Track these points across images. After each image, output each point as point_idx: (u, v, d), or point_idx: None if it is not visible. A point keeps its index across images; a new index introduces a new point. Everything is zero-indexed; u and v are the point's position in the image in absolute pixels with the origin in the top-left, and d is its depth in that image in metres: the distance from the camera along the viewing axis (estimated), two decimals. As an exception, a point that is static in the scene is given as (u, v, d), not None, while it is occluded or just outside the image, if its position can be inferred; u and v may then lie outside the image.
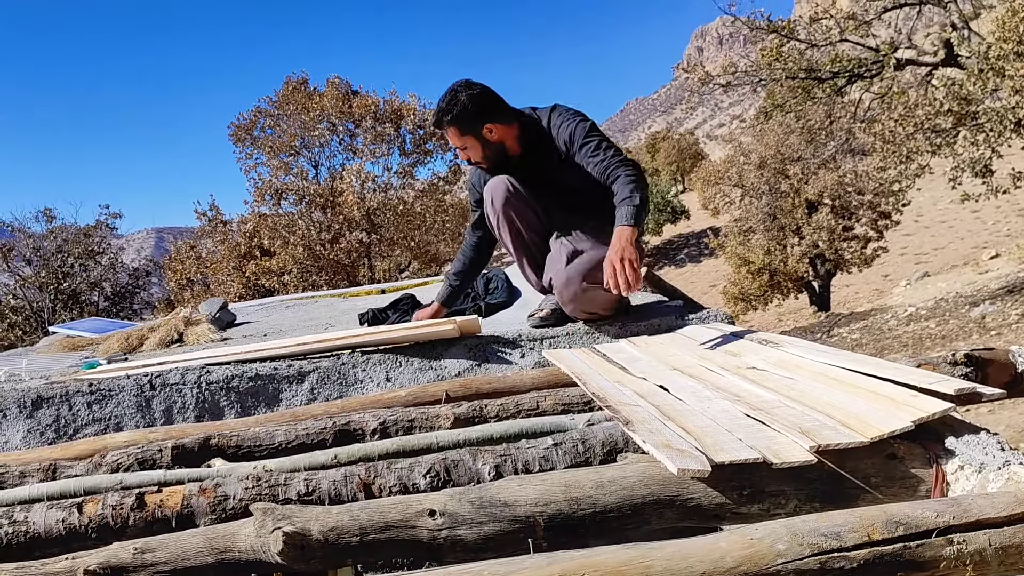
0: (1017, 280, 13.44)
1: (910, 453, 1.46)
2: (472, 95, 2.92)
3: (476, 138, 2.96)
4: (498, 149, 3.00)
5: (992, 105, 10.25)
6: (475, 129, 2.94)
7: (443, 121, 2.95)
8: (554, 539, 1.38)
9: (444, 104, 2.93)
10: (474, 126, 2.94)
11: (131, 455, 1.94)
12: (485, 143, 2.97)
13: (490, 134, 2.96)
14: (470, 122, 2.93)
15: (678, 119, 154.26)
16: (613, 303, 2.97)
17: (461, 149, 3.04)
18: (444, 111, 2.93)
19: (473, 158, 3.04)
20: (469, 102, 2.91)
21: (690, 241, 41.22)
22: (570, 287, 2.89)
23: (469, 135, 2.96)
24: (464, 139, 2.97)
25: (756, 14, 12.55)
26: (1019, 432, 5.47)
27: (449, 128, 2.96)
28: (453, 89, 2.94)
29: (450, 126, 2.95)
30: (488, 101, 2.94)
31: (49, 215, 20.32)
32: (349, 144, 19.63)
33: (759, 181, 20.62)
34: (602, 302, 2.94)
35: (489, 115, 2.94)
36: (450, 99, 2.92)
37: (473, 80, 2.96)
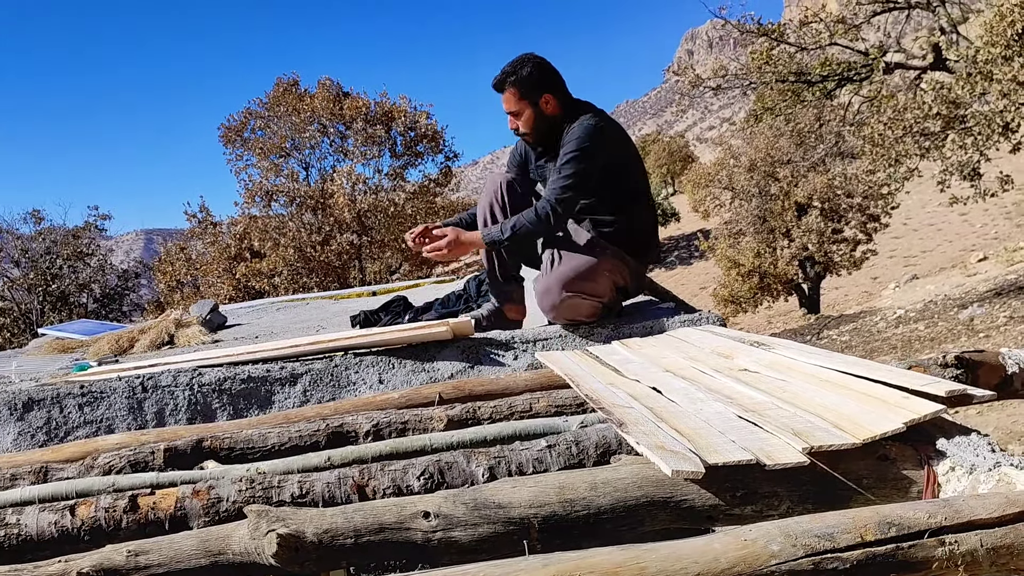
0: (1005, 282, 13.53)
1: (902, 454, 1.47)
2: (538, 64, 3.05)
3: (531, 106, 3.05)
4: (549, 122, 3.08)
5: (980, 109, 10.32)
6: (533, 96, 3.04)
7: (506, 82, 3.04)
8: (548, 541, 1.38)
9: (509, 67, 3.05)
10: (533, 93, 3.04)
11: (123, 457, 1.94)
12: (539, 113, 3.06)
13: (546, 105, 3.06)
14: (531, 88, 3.03)
15: (668, 122, 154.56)
16: (596, 311, 3.02)
17: (514, 115, 3.10)
18: (509, 72, 3.04)
19: (523, 127, 3.11)
20: (535, 70, 3.04)
21: (680, 243, 41.31)
22: (549, 297, 2.96)
23: (526, 100, 3.05)
24: (521, 103, 3.05)
25: (746, 17, 12.60)
26: (1007, 434, 5.50)
27: (509, 90, 3.05)
28: (521, 57, 3.07)
29: (511, 87, 3.04)
30: (551, 74, 3.07)
31: (37, 216, 20.21)
32: (340, 146, 19.61)
33: (749, 184, 20.68)
34: (584, 310, 2.99)
35: (550, 87, 3.05)
36: (517, 63, 3.05)
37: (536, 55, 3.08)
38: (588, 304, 2.98)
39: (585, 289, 2.95)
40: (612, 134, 3.03)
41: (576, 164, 2.94)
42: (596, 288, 2.98)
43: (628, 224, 3.09)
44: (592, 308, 3.00)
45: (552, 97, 3.05)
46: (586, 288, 2.95)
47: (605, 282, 3.01)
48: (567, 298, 2.93)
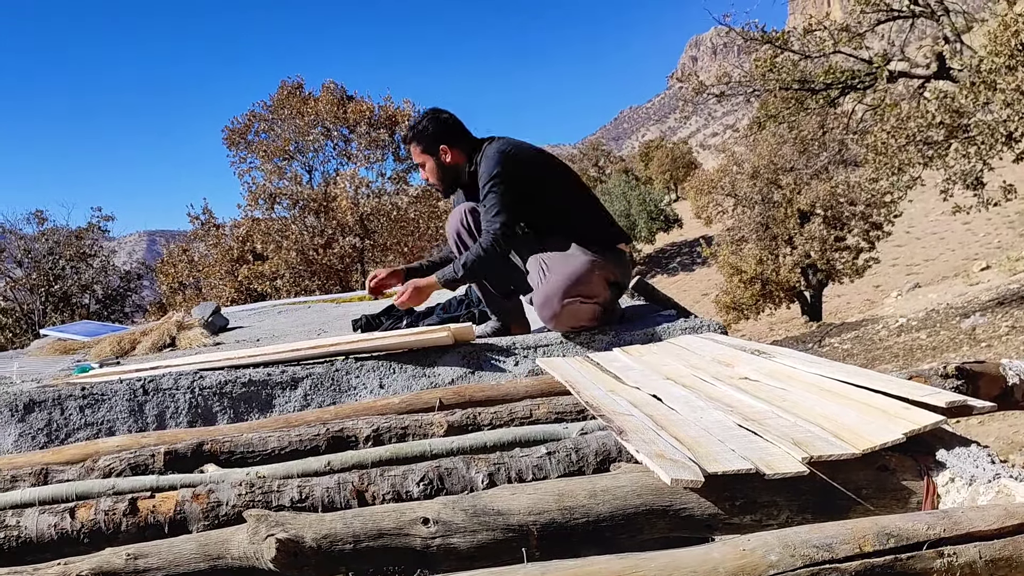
0: (1007, 292, 13.51)
1: (901, 465, 1.47)
2: (435, 119, 3.23)
3: (433, 157, 3.22)
4: (452, 172, 3.24)
5: (983, 118, 10.31)
6: (432, 149, 3.21)
7: (407, 138, 3.28)
8: (547, 548, 1.38)
9: (412, 123, 3.29)
10: (432, 146, 3.21)
11: (124, 460, 1.94)
12: (440, 163, 3.22)
13: (445, 155, 3.21)
14: (429, 141, 3.21)
15: (672, 128, 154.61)
16: (595, 314, 3.06)
17: (420, 167, 3.30)
18: (411, 128, 3.28)
19: (430, 178, 3.29)
20: (431, 124, 3.22)
21: (683, 250, 41.31)
22: (548, 307, 2.98)
23: (427, 154, 3.22)
24: (423, 156, 3.24)
25: (750, 25, 12.62)
26: (1008, 444, 5.49)
27: (411, 146, 3.26)
28: (423, 113, 3.30)
29: (413, 143, 3.25)
30: (448, 126, 3.23)
31: (40, 217, 20.23)
32: (343, 149, 19.63)
33: (752, 191, 20.68)
34: (585, 315, 3.03)
35: (447, 139, 3.20)
36: (418, 120, 3.28)
37: (442, 108, 3.28)
38: (587, 308, 3.01)
39: (582, 292, 2.98)
40: (520, 153, 3.14)
41: (495, 192, 3.07)
42: (591, 289, 3.02)
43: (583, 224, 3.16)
44: (591, 311, 3.03)
45: (450, 148, 3.19)
46: (582, 291, 2.98)
47: (598, 281, 3.05)
48: (567, 304, 2.96)
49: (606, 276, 3.09)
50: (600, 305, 3.06)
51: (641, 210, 40.11)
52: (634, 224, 40.18)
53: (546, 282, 3.00)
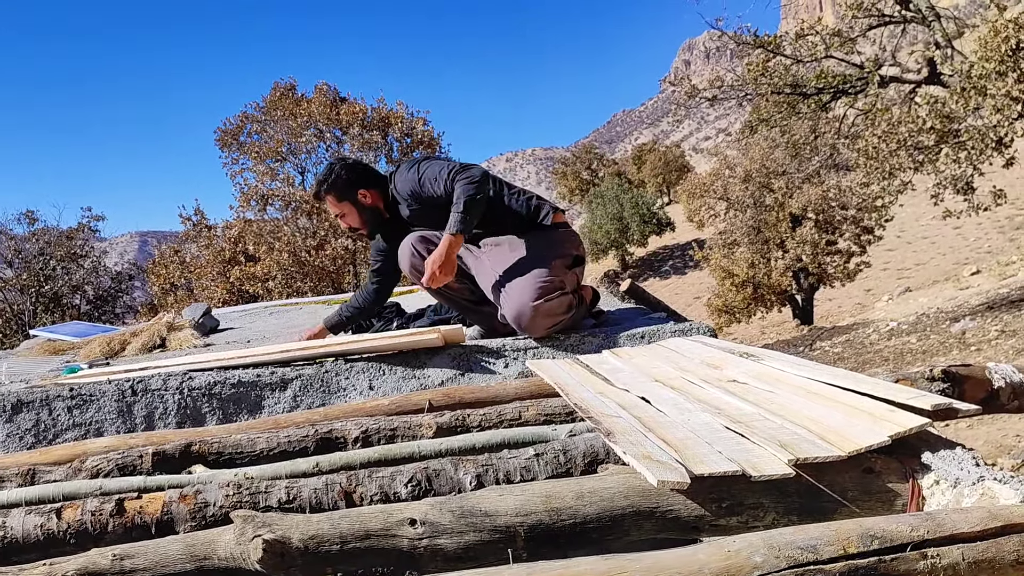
0: (997, 296, 13.58)
1: (887, 467, 1.48)
2: (345, 165, 3.25)
3: (352, 203, 3.23)
4: (373, 212, 3.26)
5: (974, 123, 10.37)
6: (351, 195, 3.22)
7: (321, 191, 3.23)
8: (534, 549, 1.39)
9: (321, 176, 3.25)
10: (349, 192, 3.21)
11: (111, 461, 1.93)
12: (360, 207, 3.24)
13: (364, 199, 3.23)
14: (345, 189, 3.21)
15: (664, 131, 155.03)
16: (570, 303, 3.02)
17: (340, 217, 3.28)
18: (321, 181, 3.23)
19: (352, 224, 3.28)
20: (343, 171, 3.22)
21: (675, 253, 41.38)
22: (523, 318, 2.93)
23: (346, 201, 3.23)
24: (341, 206, 3.23)
25: (743, 29, 12.65)
26: (997, 447, 5.52)
27: (327, 196, 3.23)
28: (329, 163, 3.28)
29: (327, 194, 3.22)
30: (359, 170, 3.26)
31: (31, 217, 20.13)
32: (336, 151, 19.61)
33: (744, 194, 20.74)
34: (560, 308, 2.97)
35: (362, 182, 3.23)
36: (327, 171, 3.25)
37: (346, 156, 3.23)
38: (558, 301, 2.95)
39: (546, 287, 2.92)
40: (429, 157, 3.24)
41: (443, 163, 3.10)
42: (554, 282, 2.96)
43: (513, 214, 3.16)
44: (565, 302, 2.99)
45: (368, 191, 3.22)
46: (546, 287, 2.92)
47: (557, 269, 3.02)
48: (539, 306, 2.90)
49: (562, 259, 3.07)
50: (570, 293, 3.03)
51: (634, 213, 40.16)
52: (627, 227, 40.22)
53: (509, 296, 2.94)
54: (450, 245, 2.93)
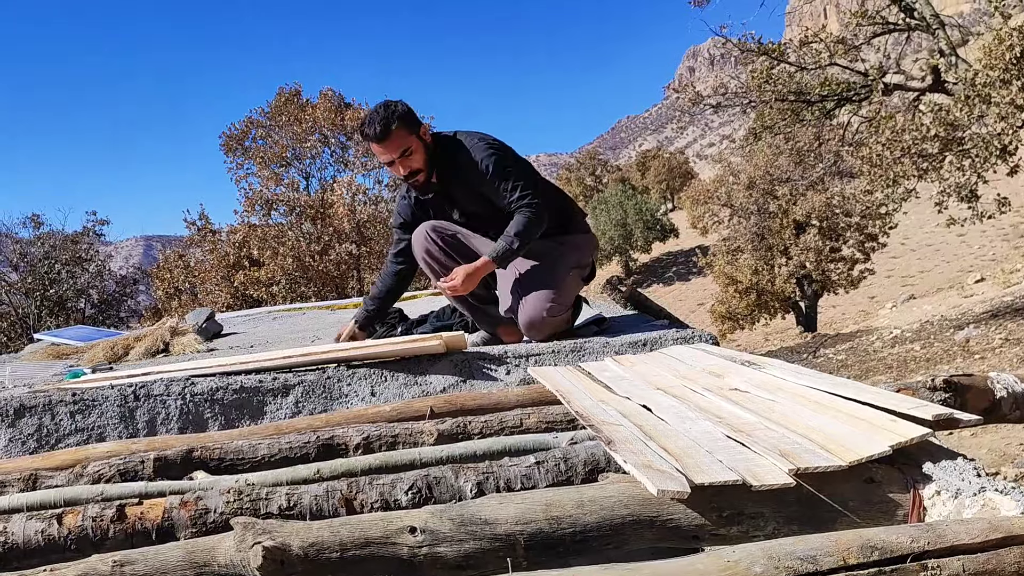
0: (1001, 304, 13.55)
1: (888, 477, 1.48)
2: (399, 101, 3.02)
3: (419, 139, 3.01)
4: (431, 152, 3.06)
5: (978, 131, 10.36)
6: (416, 129, 3.01)
7: (390, 127, 2.94)
8: (534, 558, 1.38)
9: (384, 112, 2.95)
10: (415, 126, 3.01)
11: (113, 466, 1.94)
12: (425, 144, 3.03)
13: (426, 135, 3.06)
14: (412, 121, 3.00)
15: (668, 138, 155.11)
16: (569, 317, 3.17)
17: (404, 157, 2.99)
18: (389, 117, 2.94)
19: (416, 165, 3.03)
20: (404, 106, 3.01)
21: (679, 259, 41.39)
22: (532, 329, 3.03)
23: (413, 135, 2.99)
24: (410, 139, 2.98)
25: (747, 36, 12.65)
26: (1001, 456, 5.50)
27: (398, 131, 2.95)
28: (382, 104, 3.01)
29: (399, 127, 2.95)
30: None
31: (37, 221, 20.18)
32: (340, 156, 19.66)
33: (748, 201, 20.73)
34: (563, 323, 3.13)
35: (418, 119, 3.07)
36: (386, 106, 2.98)
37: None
38: (564, 317, 3.12)
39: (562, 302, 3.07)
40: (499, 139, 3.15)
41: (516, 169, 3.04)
42: (569, 298, 3.14)
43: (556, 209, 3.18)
44: (567, 317, 3.15)
45: (425, 126, 3.07)
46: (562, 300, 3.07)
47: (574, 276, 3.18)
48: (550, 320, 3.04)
49: (579, 269, 3.21)
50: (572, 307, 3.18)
51: (637, 219, 40.18)
52: (630, 233, 40.25)
53: (525, 304, 3.01)
54: (485, 267, 2.97)
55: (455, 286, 2.95)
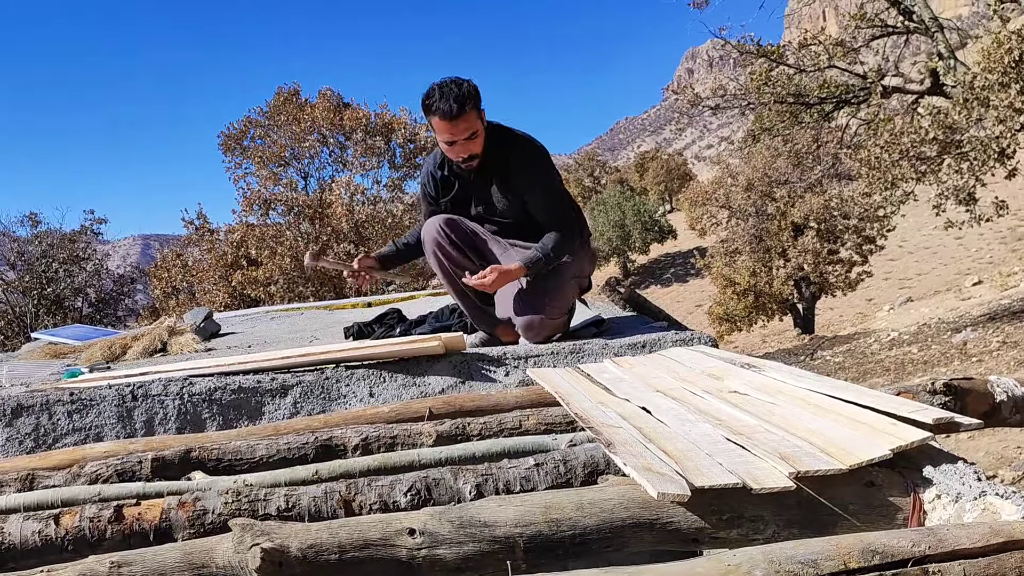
0: (999, 307, 13.57)
1: (888, 481, 1.47)
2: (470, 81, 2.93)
3: (482, 122, 2.95)
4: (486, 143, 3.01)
5: (976, 134, 10.37)
6: (483, 114, 2.96)
7: (465, 107, 2.85)
8: (533, 561, 1.38)
9: (458, 90, 2.85)
10: (481, 110, 2.96)
11: (110, 466, 1.93)
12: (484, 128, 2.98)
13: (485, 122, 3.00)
14: (480, 105, 2.94)
15: (667, 139, 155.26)
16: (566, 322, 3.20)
17: (468, 140, 2.92)
18: (464, 96, 2.85)
19: (476, 149, 2.96)
20: (474, 86, 2.92)
21: (677, 260, 41.41)
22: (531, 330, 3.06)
23: (480, 120, 2.94)
24: (477, 123, 2.93)
25: (746, 38, 12.66)
26: (998, 459, 5.50)
27: (470, 113, 2.88)
28: (452, 79, 2.90)
29: (472, 110, 2.88)
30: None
31: (34, 219, 20.14)
32: (339, 156, 19.63)
33: (746, 203, 20.76)
34: (560, 327, 3.16)
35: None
36: (458, 85, 2.88)
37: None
38: (562, 321, 3.15)
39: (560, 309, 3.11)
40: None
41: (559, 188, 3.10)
42: (567, 301, 3.17)
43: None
44: (565, 321, 3.18)
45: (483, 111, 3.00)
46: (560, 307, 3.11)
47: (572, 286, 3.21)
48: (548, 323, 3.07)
49: (578, 279, 3.23)
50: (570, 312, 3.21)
51: (636, 221, 40.20)
52: (628, 234, 40.27)
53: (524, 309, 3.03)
54: (517, 272, 2.96)
55: (485, 284, 2.92)
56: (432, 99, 2.87)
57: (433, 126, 2.93)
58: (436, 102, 2.86)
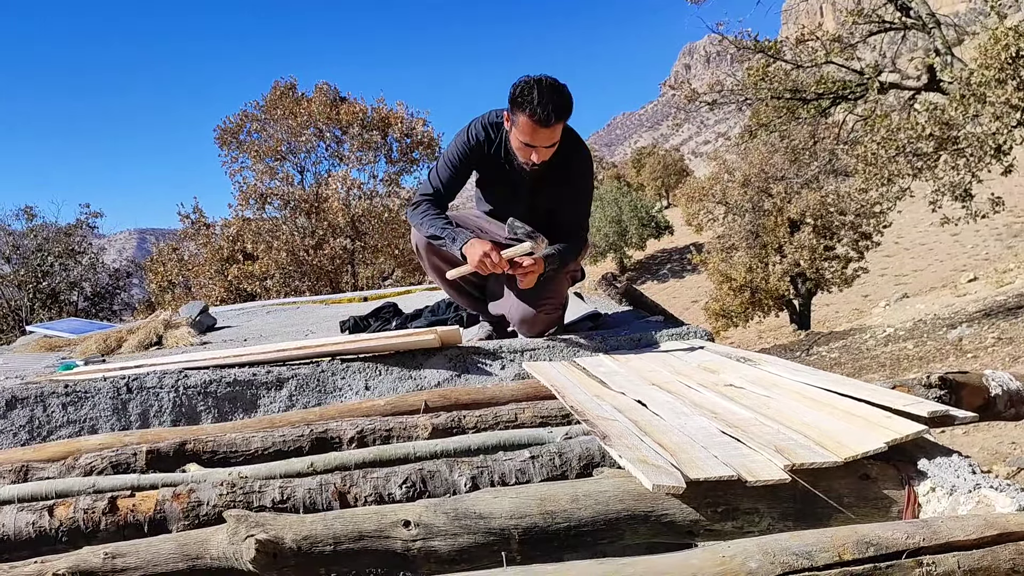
0: (994, 304, 13.59)
1: (883, 474, 1.48)
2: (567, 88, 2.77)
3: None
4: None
5: (973, 131, 10.38)
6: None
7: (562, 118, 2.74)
8: (528, 553, 1.38)
9: (560, 100, 2.70)
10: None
11: (105, 458, 1.93)
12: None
13: None
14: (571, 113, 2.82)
15: (664, 135, 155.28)
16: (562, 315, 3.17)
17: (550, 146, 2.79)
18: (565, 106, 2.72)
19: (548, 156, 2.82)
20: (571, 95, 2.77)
21: (673, 256, 41.41)
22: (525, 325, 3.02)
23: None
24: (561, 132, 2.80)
25: (743, 34, 12.66)
26: (993, 454, 5.52)
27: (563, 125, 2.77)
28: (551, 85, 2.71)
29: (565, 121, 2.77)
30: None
31: (30, 213, 20.08)
32: (336, 150, 19.58)
33: (743, 199, 20.77)
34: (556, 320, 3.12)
35: None
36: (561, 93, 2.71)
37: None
38: (556, 316, 3.12)
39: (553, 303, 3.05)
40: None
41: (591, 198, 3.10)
42: (562, 298, 3.13)
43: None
44: (560, 315, 3.15)
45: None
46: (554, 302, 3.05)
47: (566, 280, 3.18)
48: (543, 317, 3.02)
49: (571, 273, 3.21)
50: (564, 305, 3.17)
51: (632, 216, 40.20)
52: (625, 230, 40.26)
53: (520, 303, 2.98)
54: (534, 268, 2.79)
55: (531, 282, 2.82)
56: (528, 97, 2.68)
57: (516, 122, 2.74)
58: (533, 104, 2.67)
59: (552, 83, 2.72)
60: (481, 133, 2.96)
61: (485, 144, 2.96)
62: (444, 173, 3.01)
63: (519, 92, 2.70)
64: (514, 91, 2.72)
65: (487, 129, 2.95)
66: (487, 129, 2.95)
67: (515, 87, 2.72)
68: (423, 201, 3.02)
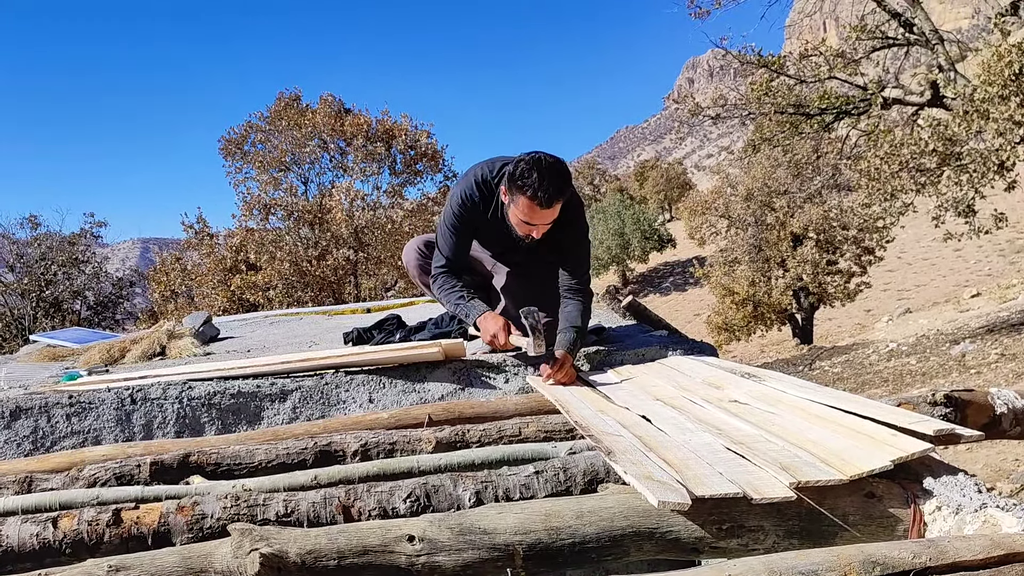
0: (997, 319, 13.57)
1: (888, 492, 1.47)
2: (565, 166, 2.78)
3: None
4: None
5: (976, 147, 10.40)
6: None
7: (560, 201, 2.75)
8: (532, 569, 1.38)
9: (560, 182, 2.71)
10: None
11: (109, 470, 1.92)
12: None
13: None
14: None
15: (667, 148, 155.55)
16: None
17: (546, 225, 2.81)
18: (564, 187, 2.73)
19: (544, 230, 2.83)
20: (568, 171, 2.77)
21: (676, 269, 41.41)
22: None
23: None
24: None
25: (747, 48, 12.70)
26: (996, 471, 5.50)
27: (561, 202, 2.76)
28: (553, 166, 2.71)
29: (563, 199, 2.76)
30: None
31: (34, 222, 20.14)
32: (340, 162, 19.63)
33: (745, 213, 20.79)
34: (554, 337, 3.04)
35: None
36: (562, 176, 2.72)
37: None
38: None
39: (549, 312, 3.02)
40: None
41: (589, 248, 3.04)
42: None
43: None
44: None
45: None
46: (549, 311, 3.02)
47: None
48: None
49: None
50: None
51: (635, 229, 40.23)
52: (628, 243, 40.29)
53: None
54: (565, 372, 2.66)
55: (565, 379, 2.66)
56: (529, 180, 2.67)
57: (516, 202, 2.75)
58: (534, 187, 2.67)
59: (551, 164, 2.71)
60: (476, 194, 2.97)
61: (480, 204, 2.97)
62: (449, 241, 3.04)
63: (519, 173, 2.70)
64: (513, 171, 2.72)
65: (480, 188, 2.96)
66: (480, 188, 2.96)
67: (515, 166, 2.72)
68: (439, 275, 3.08)
